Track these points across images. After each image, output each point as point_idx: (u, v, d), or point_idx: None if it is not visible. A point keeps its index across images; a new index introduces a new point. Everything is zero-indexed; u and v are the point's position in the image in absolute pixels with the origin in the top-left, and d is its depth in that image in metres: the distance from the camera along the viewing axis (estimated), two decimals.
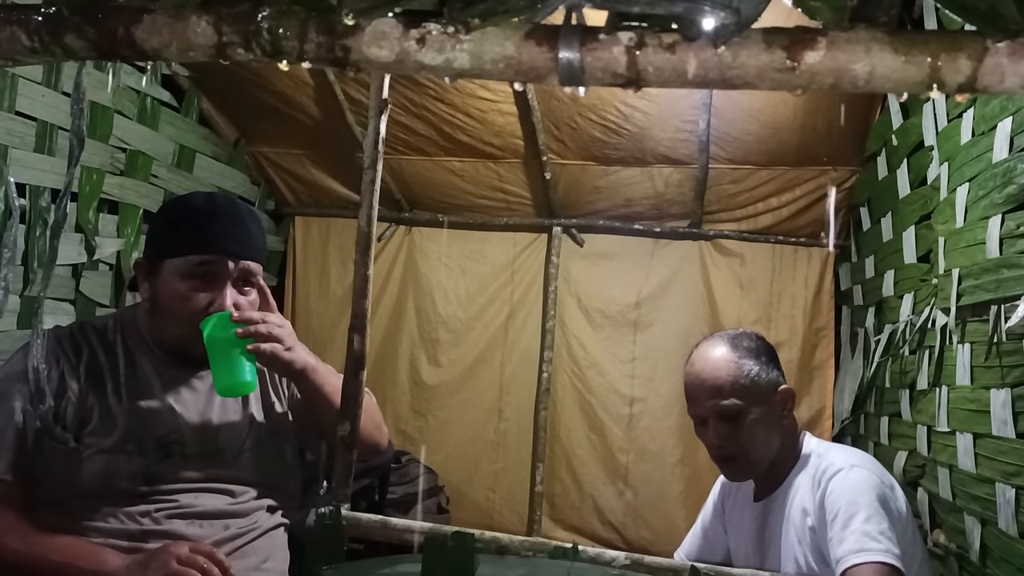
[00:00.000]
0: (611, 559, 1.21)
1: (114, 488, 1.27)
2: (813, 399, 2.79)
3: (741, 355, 1.47)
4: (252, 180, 3.01)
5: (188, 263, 1.32)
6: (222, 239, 1.34)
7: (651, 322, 2.94)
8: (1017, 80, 0.57)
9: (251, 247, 1.38)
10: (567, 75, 0.62)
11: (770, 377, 1.47)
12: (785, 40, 0.59)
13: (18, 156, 1.92)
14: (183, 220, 1.36)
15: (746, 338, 1.52)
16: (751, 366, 1.46)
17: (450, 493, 2.91)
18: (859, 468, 1.38)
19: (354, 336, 1.40)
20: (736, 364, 1.46)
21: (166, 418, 1.34)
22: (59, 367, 1.30)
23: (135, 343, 1.39)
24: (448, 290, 3.10)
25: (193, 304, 1.32)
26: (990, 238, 1.51)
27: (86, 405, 1.29)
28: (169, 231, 1.37)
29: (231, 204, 1.42)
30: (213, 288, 1.33)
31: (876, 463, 1.45)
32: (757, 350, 1.49)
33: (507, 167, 2.85)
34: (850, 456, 1.44)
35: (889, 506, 1.33)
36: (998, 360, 1.48)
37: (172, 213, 1.41)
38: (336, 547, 1.27)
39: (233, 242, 1.35)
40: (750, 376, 1.45)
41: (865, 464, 1.41)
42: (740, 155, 2.62)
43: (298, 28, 0.66)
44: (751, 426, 1.44)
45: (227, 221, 1.37)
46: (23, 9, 0.73)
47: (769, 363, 1.49)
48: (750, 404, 1.44)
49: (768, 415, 1.46)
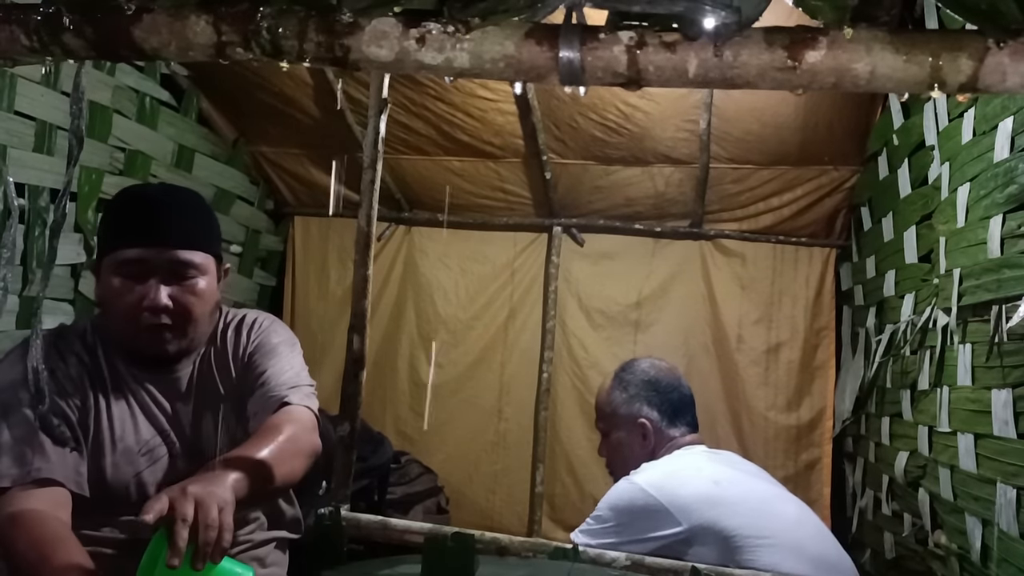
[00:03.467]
0: (611, 560, 1.21)
1: (101, 496, 1.25)
2: (814, 399, 2.79)
3: (615, 386, 1.76)
4: (251, 180, 3.01)
5: (119, 258, 1.25)
6: (152, 230, 1.26)
7: (652, 322, 2.93)
8: (1018, 79, 0.57)
9: (188, 236, 1.29)
10: (567, 74, 0.62)
11: (631, 409, 1.72)
12: (786, 39, 0.59)
13: (17, 156, 1.92)
14: (116, 214, 1.31)
15: (628, 371, 1.78)
16: (617, 396, 1.75)
17: (450, 494, 2.90)
18: (625, 480, 1.59)
19: (354, 336, 1.40)
20: (608, 394, 1.77)
21: (152, 424, 1.32)
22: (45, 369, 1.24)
23: (112, 348, 1.36)
24: (448, 290, 3.09)
25: (126, 300, 1.25)
26: (991, 238, 1.51)
27: (73, 414, 1.27)
28: (104, 227, 1.32)
29: (171, 193, 1.36)
30: (144, 282, 1.25)
31: (661, 476, 1.57)
32: (627, 383, 1.75)
33: (507, 167, 2.84)
34: (640, 471, 1.61)
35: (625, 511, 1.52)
36: (999, 360, 1.48)
37: (109, 209, 1.35)
38: (336, 547, 1.27)
39: (163, 232, 1.26)
40: (612, 405, 1.75)
41: (637, 476, 1.58)
42: (741, 155, 2.62)
43: (298, 27, 0.66)
44: (614, 446, 1.76)
45: (159, 211, 1.29)
46: (22, 9, 0.72)
47: (638, 396, 1.73)
48: (611, 428, 1.76)
49: (627, 440, 1.72)
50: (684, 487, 1.53)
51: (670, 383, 1.75)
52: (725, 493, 1.53)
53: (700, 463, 1.64)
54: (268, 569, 1.37)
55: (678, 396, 1.74)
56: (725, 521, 1.46)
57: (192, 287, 1.29)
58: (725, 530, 1.46)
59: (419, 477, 2.75)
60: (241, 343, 1.40)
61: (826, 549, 1.55)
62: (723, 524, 1.46)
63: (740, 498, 1.54)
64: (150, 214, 1.28)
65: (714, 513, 1.47)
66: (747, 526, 1.46)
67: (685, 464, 1.64)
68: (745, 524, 1.46)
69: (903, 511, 2.03)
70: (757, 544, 1.44)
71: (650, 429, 1.70)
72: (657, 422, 1.71)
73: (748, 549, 1.43)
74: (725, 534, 1.45)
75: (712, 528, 1.46)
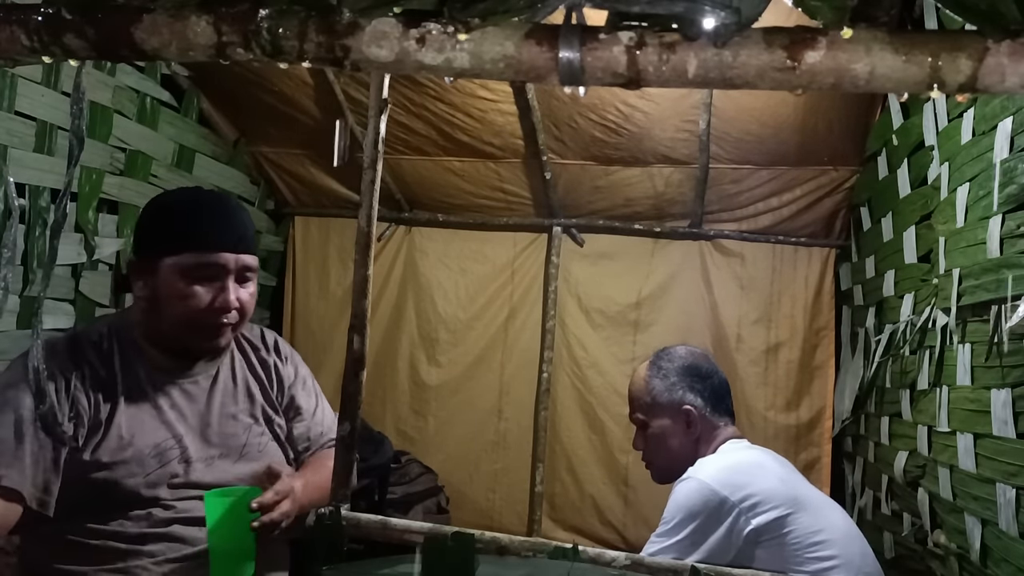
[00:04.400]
0: (611, 559, 1.21)
1: (115, 496, 1.27)
2: (813, 399, 2.79)
3: (653, 374, 1.67)
4: (252, 180, 3.01)
5: (189, 260, 1.31)
6: (222, 235, 1.34)
7: (651, 322, 2.94)
8: (1017, 80, 0.57)
9: (247, 242, 1.38)
10: (567, 75, 0.62)
11: (674, 397, 1.64)
12: (785, 40, 0.59)
13: (18, 156, 1.92)
14: (179, 217, 1.36)
15: (664, 358, 1.70)
16: (657, 384, 1.66)
17: (450, 493, 2.90)
18: (691, 479, 1.51)
19: (354, 336, 1.40)
20: (645, 382, 1.68)
21: (165, 426, 1.34)
22: (57, 382, 1.27)
23: (130, 351, 1.38)
24: (448, 290, 3.10)
25: (196, 302, 1.32)
26: (990, 238, 1.51)
27: (87, 418, 1.28)
28: (165, 228, 1.36)
29: (223, 199, 1.43)
30: (215, 285, 1.33)
31: (727, 472, 1.49)
32: (667, 371, 1.67)
33: (507, 167, 2.85)
34: (699, 467, 1.53)
35: (699, 513, 1.44)
36: (999, 360, 1.48)
37: (164, 210, 1.39)
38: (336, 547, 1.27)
39: (232, 238, 1.35)
40: (652, 394, 1.66)
41: (701, 473, 1.50)
42: (740, 155, 2.62)
43: (298, 28, 0.66)
44: (655, 438, 1.65)
45: (223, 216, 1.37)
46: (23, 9, 0.72)
47: (679, 383, 1.65)
48: (651, 418, 1.66)
49: (671, 430, 1.64)
50: (753, 483, 1.47)
51: (709, 369, 1.69)
52: (793, 493, 1.48)
53: (761, 458, 1.58)
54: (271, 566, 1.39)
55: (718, 381, 1.68)
56: (794, 524, 1.43)
57: (250, 288, 1.40)
58: (792, 533, 1.42)
59: (419, 477, 2.75)
60: (271, 362, 1.52)
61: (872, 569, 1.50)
62: (792, 527, 1.42)
63: (807, 500, 1.49)
64: (216, 219, 1.36)
65: (785, 513, 1.43)
66: (812, 534, 1.42)
67: (746, 458, 1.58)
68: (811, 531, 1.43)
69: (902, 511, 2.04)
70: (818, 556, 1.41)
71: (695, 416, 1.63)
72: (702, 408, 1.64)
73: (808, 560, 1.40)
74: (791, 538, 1.42)
75: (781, 530, 1.42)
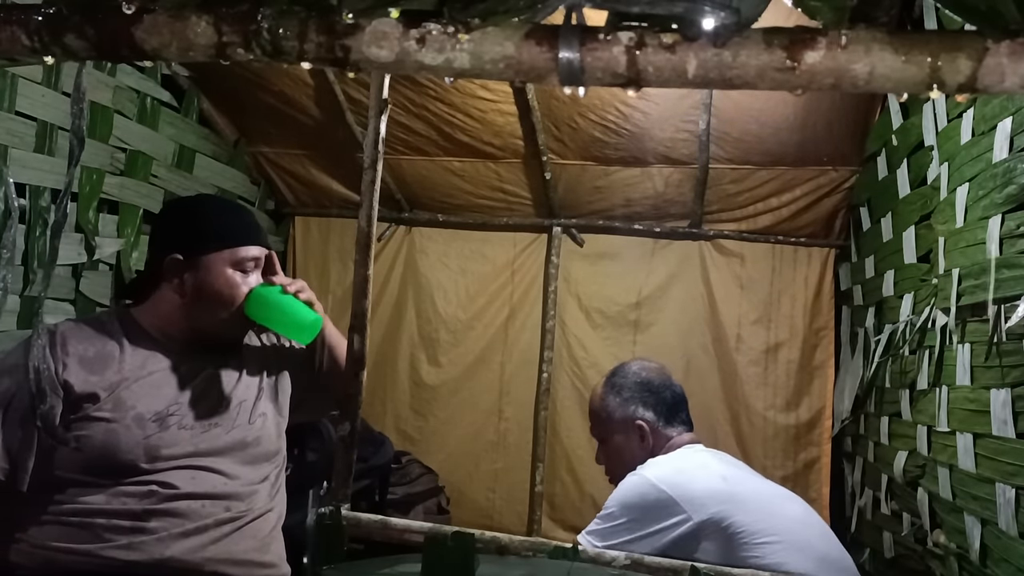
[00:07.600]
0: (611, 559, 1.21)
1: (115, 468, 1.32)
2: (813, 399, 2.79)
3: (608, 391, 1.77)
4: (252, 180, 3.01)
5: (236, 254, 1.50)
6: (255, 232, 1.56)
7: (651, 322, 2.94)
8: (1017, 80, 0.57)
9: (266, 237, 1.62)
10: (567, 75, 0.62)
11: (627, 412, 1.73)
12: (785, 40, 0.59)
13: (18, 156, 1.92)
14: (218, 217, 1.56)
15: (619, 374, 1.79)
16: (611, 401, 1.76)
17: (450, 493, 2.91)
18: (635, 475, 1.60)
19: (354, 336, 1.40)
20: (601, 399, 1.78)
21: (166, 397, 1.41)
22: (58, 354, 1.36)
23: (135, 334, 1.47)
24: (448, 290, 3.09)
25: (240, 290, 1.50)
26: (990, 238, 1.51)
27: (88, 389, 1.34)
28: (208, 228, 1.53)
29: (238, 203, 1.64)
30: (252, 274, 1.54)
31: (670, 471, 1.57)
32: (620, 387, 1.76)
33: (507, 167, 2.85)
34: (646, 465, 1.62)
35: (637, 505, 1.52)
36: (998, 360, 1.48)
37: (201, 213, 1.58)
38: (336, 547, 1.27)
39: (260, 233, 1.58)
40: (607, 410, 1.76)
41: (646, 470, 1.59)
42: (740, 155, 2.62)
43: (298, 28, 0.66)
44: (613, 452, 1.76)
45: (248, 215, 1.62)
46: (23, 9, 0.73)
47: (632, 398, 1.74)
48: (608, 434, 1.76)
49: (626, 444, 1.73)
50: (694, 482, 1.53)
51: (662, 383, 1.77)
52: (734, 489, 1.54)
53: (706, 460, 1.65)
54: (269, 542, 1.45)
55: (671, 395, 1.75)
56: (734, 517, 1.47)
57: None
58: (733, 526, 1.46)
59: (420, 477, 2.75)
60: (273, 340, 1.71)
61: (831, 549, 1.55)
62: (732, 520, 1.46)
63: (748, 495, 1.54)
64: (243, 218, 1.59)
65: (723, 508, 1.48)
66: (755, 523, 1.46)
67: (692, 460, 1.64)
68: (753, 521, 1.46)
69: (902, 511, 2.04)
70: (764, 542, 1.44)
71: (647, 430, 1.72)
72: (654, 422, 1.72)
73: (755, 546, 1.44)
74: (733, 530, 1.46)
75: (721, 524, 1.46)
